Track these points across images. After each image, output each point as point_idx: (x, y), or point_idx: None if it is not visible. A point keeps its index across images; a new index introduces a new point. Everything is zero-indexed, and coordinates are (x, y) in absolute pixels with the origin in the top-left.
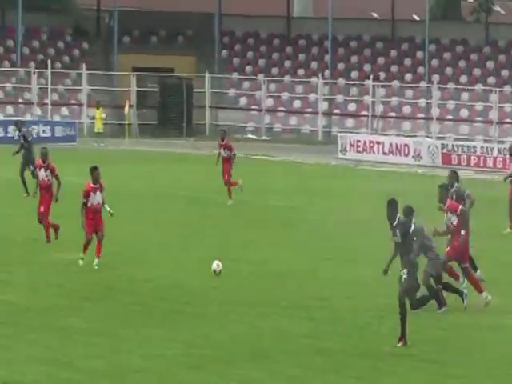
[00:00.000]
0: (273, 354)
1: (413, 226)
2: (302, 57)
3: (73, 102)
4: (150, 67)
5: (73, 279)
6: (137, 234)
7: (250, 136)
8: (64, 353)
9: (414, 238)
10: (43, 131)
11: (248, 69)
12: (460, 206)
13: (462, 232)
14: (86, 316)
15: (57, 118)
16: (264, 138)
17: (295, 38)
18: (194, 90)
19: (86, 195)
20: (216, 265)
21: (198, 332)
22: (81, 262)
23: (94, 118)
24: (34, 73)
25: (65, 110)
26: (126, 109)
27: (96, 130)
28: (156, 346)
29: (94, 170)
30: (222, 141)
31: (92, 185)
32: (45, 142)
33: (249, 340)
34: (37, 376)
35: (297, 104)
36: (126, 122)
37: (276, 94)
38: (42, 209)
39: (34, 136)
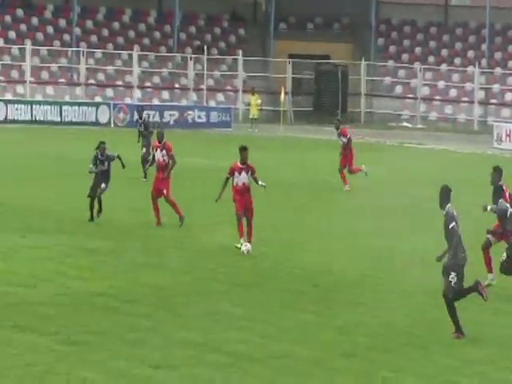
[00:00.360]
0: (426, 344)
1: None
2: (458, 45)
3: (228, 87)
4: (306, 54)
5: (224, 264)
6: (289, 220)
7: (405, 124)
8: (213, 337)
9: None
10: (199, 117)
11: (404, 57)
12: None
13: None
14: (236, 301)
15: (212, 104)
16: (419, 126)
17: (452, 27)
18: (350, 77)
19: (231, 172)
20: (245, 248)
21: (350, 319)
22: (240, 245)
23: (249, 104)
24: (191, 58)
25: (220, 96)
26: (282, 95)
27: (251, 116)
28: (307, 332)
29: (243, 149)
30: (337, 129)
31: (239, 165)
32: (200, 127)
33: (402, 329)
34: (186, 360)
35: (453, 93)
36: (281, 109)
37: (432, 83)
38: (155, 188)
39: (190, 121)
